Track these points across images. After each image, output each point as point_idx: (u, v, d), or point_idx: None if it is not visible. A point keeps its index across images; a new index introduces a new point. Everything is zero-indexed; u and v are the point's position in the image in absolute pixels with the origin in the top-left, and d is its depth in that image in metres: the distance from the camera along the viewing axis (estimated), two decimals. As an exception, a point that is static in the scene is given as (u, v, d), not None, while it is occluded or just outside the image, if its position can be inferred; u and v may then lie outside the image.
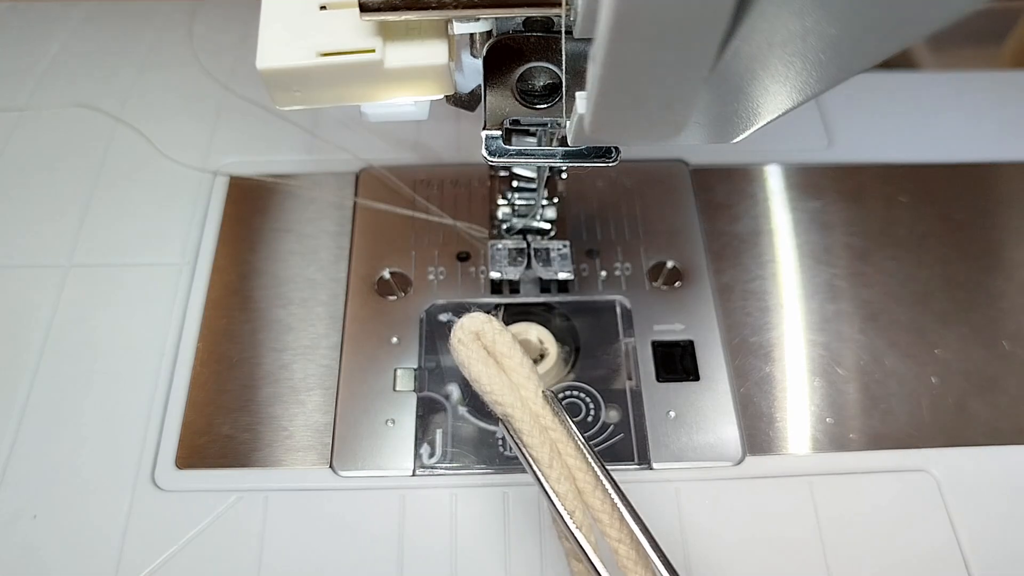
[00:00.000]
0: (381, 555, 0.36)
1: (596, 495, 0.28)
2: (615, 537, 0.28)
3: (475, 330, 0.29)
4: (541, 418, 0.29)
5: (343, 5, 0.30)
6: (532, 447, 0.28)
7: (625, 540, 0.28)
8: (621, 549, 0.28)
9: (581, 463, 0.29)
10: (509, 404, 0.29)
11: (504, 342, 0.29)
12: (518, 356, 0.29)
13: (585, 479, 0.29)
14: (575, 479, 0.29)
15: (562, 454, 0.29)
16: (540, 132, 0.33)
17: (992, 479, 0.38)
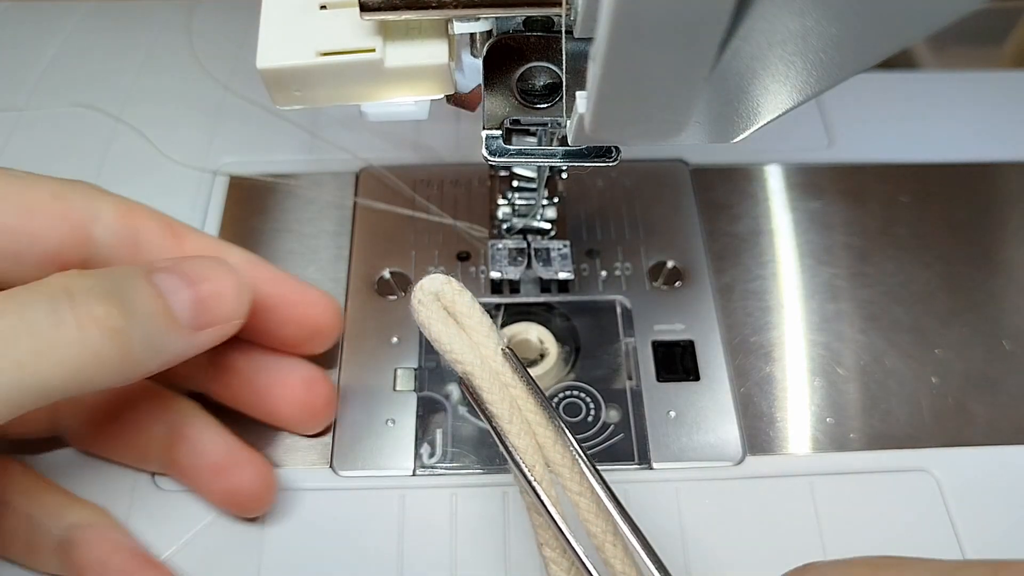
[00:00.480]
0: (381, 555, 0.36)
1: (556, 449, 0.29)
2: (575, 491, 0.28)
3: (434, 291, 0.30)
4: (501, 375, 0.29)
5: (343, 5, 0.30)
6: (491, 403, 0.29)
7: (585, 494, 0.28)
8: (582, 503, 0.28)
9: (541, 419, 0.29)
10: (468, 363, 0.29)
11: (463, 302, 0.30)
12: (477, 315, 0.30)
13: (545, 434, 0.29)
14: (535, 434, 0.29)
15: (522, 410, 0.29)
16: (540, 132, 0.33)
17: (992, 479, 0.38)
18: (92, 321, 0.28)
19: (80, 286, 0.28)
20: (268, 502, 0.35)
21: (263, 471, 0.35)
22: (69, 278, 0.29)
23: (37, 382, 0.27)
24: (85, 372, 0.28)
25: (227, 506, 0.35)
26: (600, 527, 0.28)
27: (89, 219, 0.32)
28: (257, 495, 0.35)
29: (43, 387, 0.27)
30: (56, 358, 0.27)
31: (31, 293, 0.28)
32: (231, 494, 0.35)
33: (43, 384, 0.27)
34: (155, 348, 0.30)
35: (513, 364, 0.30)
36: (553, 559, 0.29)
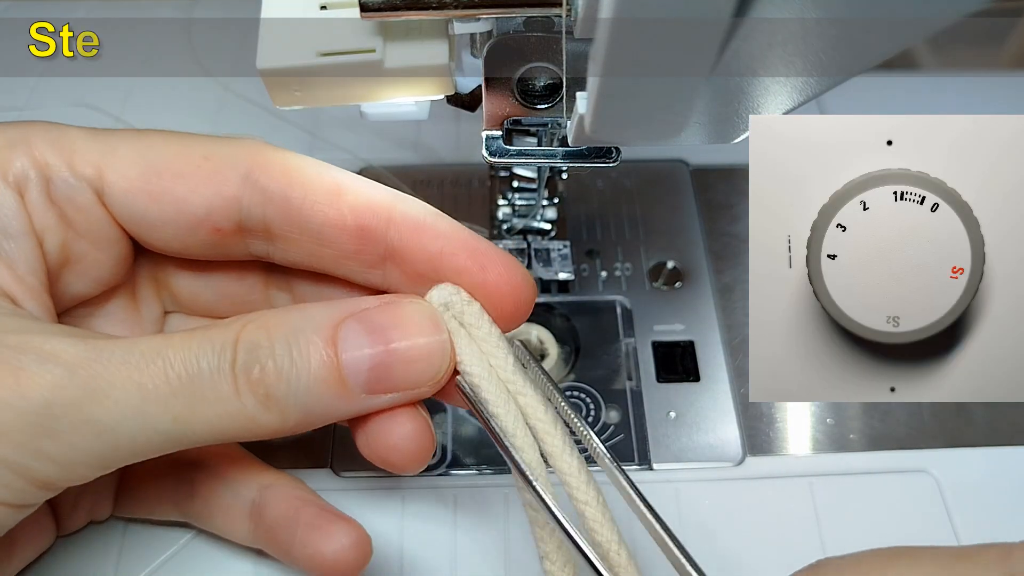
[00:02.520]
0: (381, 555, 0.36)
1: (563, 459, 0.29)
2: (581, 500, 0.28)
3: (444, 301, 0.29)
4: (510, 384, 0.29)
5: (343, 5, 0.30)
6: (497, 416, 0.29)
7: (591, 503, 0.28)
8: (587, 511, 0.28)
9: (551, 428, 0.29)
10: (477, 374, 0.29)
11: (472, 312, 0.30)
12: (486, 326, 0.30)
13: (553, 443, 0.29)
14: (543, 443, 0.29)
15: (531, 419, 0.29)
16: (540, 132, 0.33)
17: (992, 479, 0.38)
18: (247, 385, 0.27)
19: (247, 341, 0.27)
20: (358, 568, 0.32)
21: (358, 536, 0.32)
22: (245, 328, 0.28)
23: (187, 432, 0.27)
24: (236, 431, 0.27)
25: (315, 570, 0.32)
26: (605, 536, 0.28)
27: (236, 180, 0.30)
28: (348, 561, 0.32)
29: (192, 437, 0.27)
30: (210, 415, 0.27)
31: (204, 342, 0.27)
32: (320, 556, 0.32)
33: (192, 435, 0.27)
34: (316, 413, 0.28)
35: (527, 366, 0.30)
36: (553, 572, 0.29)
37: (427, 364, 0.28)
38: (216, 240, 0.31)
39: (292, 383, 0.27)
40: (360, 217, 0.30)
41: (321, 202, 0.30)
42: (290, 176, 0.30)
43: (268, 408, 0.27)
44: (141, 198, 0.30)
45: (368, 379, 0.28)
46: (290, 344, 0.27)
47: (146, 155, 0.30)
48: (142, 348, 0.27)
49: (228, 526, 0.34)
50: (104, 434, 0.26)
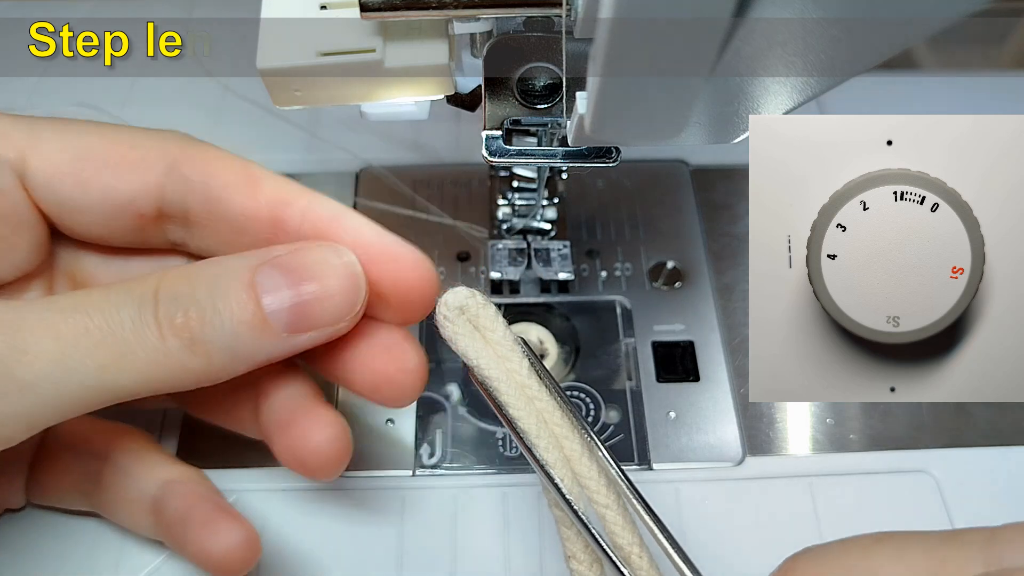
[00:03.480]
0: (381, 555, 0.36)
1: (583, 462, 0.29)
2: (603, 504, 0.29)
3: (459, 305, 0.29)
4: (527, 388, 0.29)
5: (343, 5, 0.30)
6: (520, 419, 0.29)
7: (612, 506, 0.29)
8: (608, 515, 0.28)
9: (568, 431, 0.29)
10: (495, 377, 0.29)
11: (488, 315, 0.30)
12: (501, 329, 0.30)
13: (572, 447, 0.29)
14: (562, 447, 0.29)
15: (548, 423, 0.29)
16: (540, 132, 0.33)
17: (992, 479, 0.38)
18: (172, 330, 0.27)
19: (168, 291, 0.28)
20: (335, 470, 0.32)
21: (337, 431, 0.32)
22: (163, 280, 0.28)
23: (114, 385, 0.27)
24: (162, 378, 0.28)
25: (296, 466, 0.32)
26: (627, 539, 0.28)
27: (161, 169, 0.31)
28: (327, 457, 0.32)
29: (119, 390, 0.27)
30: (135, 364, 0.27)
31: (123, 293, 0.28)
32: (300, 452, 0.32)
33: (120, 387, 0.27)
34: (240, 355, 0.28)
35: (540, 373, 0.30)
36: (580, 572, 0.29)
37: (343, 298, 0.29)
38: (137, 226, 0.32)
39: (216, 326, 0.28)
40: (275, 207, 0.31)
41: (239, 192, 0.31)
42: (211, 166, 0.31)
43: (194, 352, 0.27)
44: (67, 183, 0.31)
45: (289, 319, 0.28)
46: (211, 290, 0.28)
47: (73, 142, 0.31)
48: (60, 304, 0.27)
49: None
50: (26, 391, 0.26)
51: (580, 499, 0.29)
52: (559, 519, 0.29)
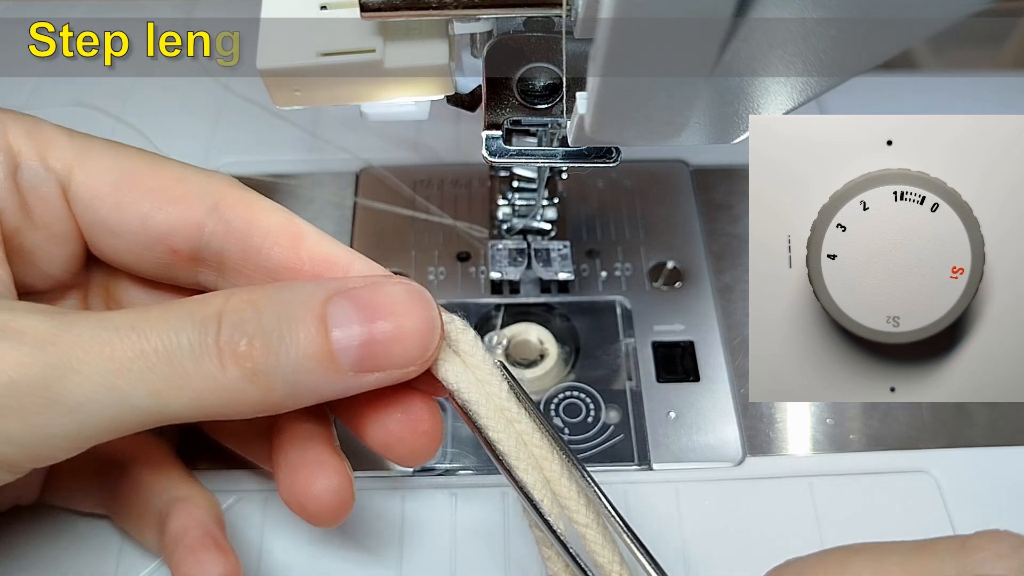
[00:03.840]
0: (381, 555, 0.36)
1: (563, 483, 0.29)
2: (582, 523, 0.29)
3: None
4: (506, 411, 0.29)
5: (343, 5, 0.30)
6: (499, 441, 0.29)
7: (592, 525, 0.29)
8: (588, 534, 0.29)
9: (547, 452, 0.29)
10: (475, 401, 0.29)
11: (467, 340, 0.30)
12: (480, 353, 0.30)
13: (551, 468, 0.29)
14: (542, 468, 0.29)
15: (528, 444, 0.29)
16: (540, 132, 0.33)
17: (992, 479, 0.38)
18: (233, 358, 0.26)
19: (233, 315, 0.26)
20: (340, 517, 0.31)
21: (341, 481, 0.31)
22: (229, 302, 0.27)
23: (165, 410, 0.26)
24: (216, 406, 0.27)
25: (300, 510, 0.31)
26: (607, 557, 0.29)
27: (203, 208, 0.30)
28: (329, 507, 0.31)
29: (170, 415, 0.26)
30: (189, 390, 0.26)
31: (182, 315, 0.26)
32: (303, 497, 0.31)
33: (171, 413, 0.26)
34: (301, 390, 0.27)
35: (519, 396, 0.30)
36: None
37: (417, 342, 0.28)
38: (169, 262, 0.31)
39: (281, 358, 0.26)
40: (317, 267, 0.30)
41: (280, 244, 0.30)
42: (255, 213, 0.31)
43: (255, 383, 0.26)
44: (107, 203, 0.30)
45: (358, 357, 0.27)
46: (279, 319, 0.27)
47: (121, 164, 0.31)
48: (115, 322, 0.26)
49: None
50: (74, 413, 0.25)
51: (560, 519, 0.29)
52: (540, 540, 0.30)
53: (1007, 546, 0.24)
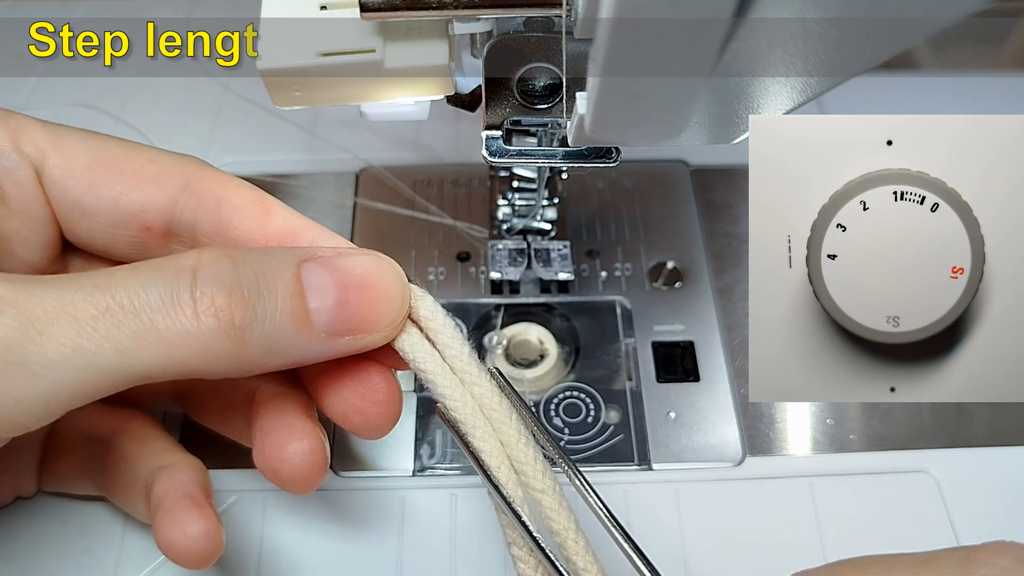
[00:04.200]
0: (381, 555, 0.36)
1: (519, 448, 0.29)
2: (538, 488, 0.29)
3: None
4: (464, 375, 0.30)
5: (343, 5, 0.30)
6: (454, 408, 0.29)
7: (548, 491, 0.29)
8: (544, 500, 0.29)
9: (505, 418, 0.29)
10: (430, 370, 0.29)
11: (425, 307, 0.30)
12: (440, 318, 0.30)
13: (508, 432, 0.29)
14: (499, 434, 0.29)
15: (486, 409, 0.30)
16: (540, 132, 0.33)
17: (992, 479, 0.38)
18: (211, 311, 0.26)
19: (209, 270, 0.26)
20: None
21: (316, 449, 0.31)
22: (203, 257, 0.27)
23: (136, 367, 0.26)
24: (187, 361, 0.26)
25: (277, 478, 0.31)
26: (562, 524, 0.28)
27: (176, 185, 0.31)
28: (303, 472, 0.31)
29: (142, 372, 0.26)
30: (160, 346, 0.26)
31: (154, 271, 0.26)
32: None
33: (142, 369, 0.26)
34: (276, 349, 0.27)
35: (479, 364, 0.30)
36: (521, 557, 0.29)
37: (387, 306, 0.28)
38: (143, 240, 0.32)
39: (259, 312, 0.26)
40: (286, 239, 0.31)
41: (251, 218, 0.31)
42: (226, 189, 0.31)
43: (231, 337, 0.26)
44: (81, 185, 0.31)
45: (331, 319, 0.27)
46: (258, 275, 0.27)
47: (94, 147, 0.31)
48: (80, 282, 0.26)
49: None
50: (41, 374, 0.25)
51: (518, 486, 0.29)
52: (497, 507, 0.30)
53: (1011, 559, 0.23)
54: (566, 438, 0.39)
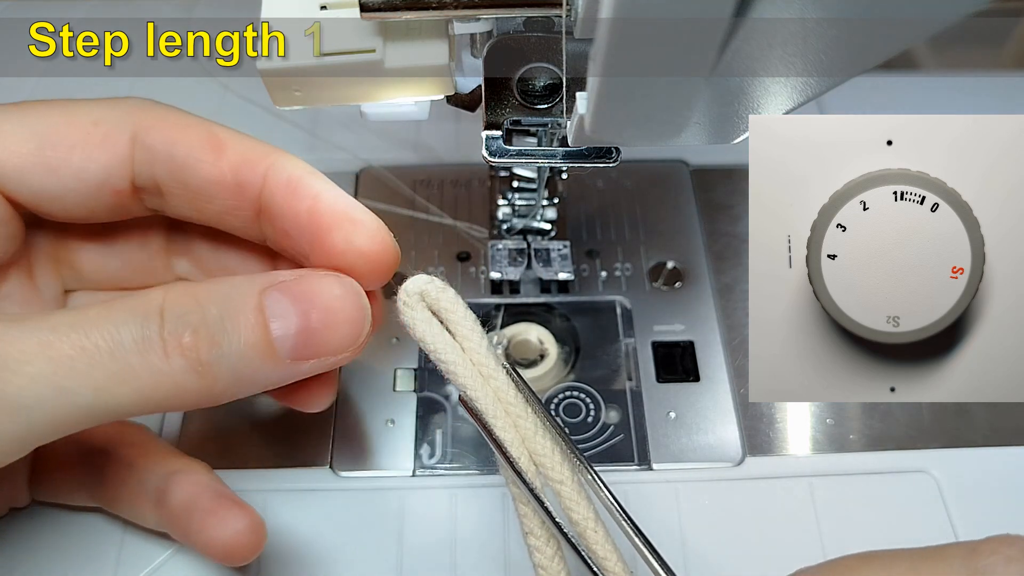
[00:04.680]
0: (381, 555, 0.36)
1: (537, 440, 0.29)
2: (557, 480, 0.29)
3: (418, 291, 0.30)
4: (483, 367, 0.30)
5: (343, 5, 0.30)
6: (477, 399, 0.29)
7: (567, 482, 0.29)
8: (563, 491, 0.29)
9: (522, 411, 0.30)
10: (451, 361, 0.29)
11: (447, 298, 0.30)
12: (461, 311, 0.30)
13: (526, 426, 0.30)
14: (518, 427, 0.30)
15: (503, 402, 0.30)
16: (540, 132, 0.33)
17: (992, 479, 0.38)
18: (178, 350, 0.26)
19: (174, 309, 0.27)
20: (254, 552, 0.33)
21: (253, 520, 0.33)
22: (168, 296, 0.27)
23: (111, 405, 0.26)
24: (160, 399, 0.27)
25: (215, 555, 0.33)
26: (581, 514, 0.29)
27: (125, 141, 0.31)
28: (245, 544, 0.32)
29: (117, 409, 0.27)
30: (135, 384, 0.26)
31: (125, 311, 0.27)
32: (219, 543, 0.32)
33: (117, 407, 0.26)
34: (244, 380, 0.28)
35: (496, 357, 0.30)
36: (537, 547, 0.30)
37: (349, 329, 0.29)
38: (116, 202, 0.32)
39: (224, 348, 0.27)
40: (238, 174, 0.31)
41: (203, 158, 0.31)
42: (174, 133, 0.31)
43: (199, 374, 0.27)
44: (37, 172, 0.30)
45: (294, 345, 0.28)
46: (221, 310, 0.27)
47: (35, 128, 0.31)
48: (53, 322, 0.26)
49: (135, 512, 0.34)
50: (18, 412, 0.25)
51: (536, 477, 0.29)
52: (516, 496, 0.30)
53: (1017, 550, 0.23)
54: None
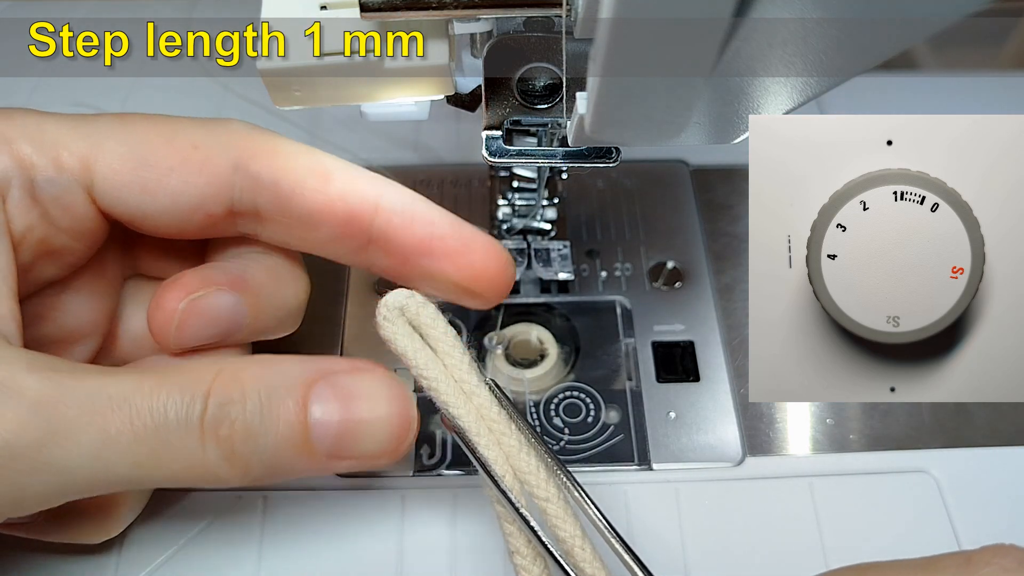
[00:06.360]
0: (381, 555, 0.36)
1: (521, 457, 0.29)
2: (543, 497, 0.29)
3: (399, 305, 0.30)
4: (465, 385, 0.30)
5: (343, 5, 0.30)
6: (459, 416, 0.29)
7: (552, 499, 0.29)
8: (549, 508, 0.29)
9: (505, 427, 0.30)
10: (432, 377, 0.29)
11: (427, 314, 0.30)
12: (441, 327, 0.30)
13: (509, 443, 0.29)
14: (501, 444, 0.29)
15: (486, 419, 0.30)
16: (540, 132, 0.33)
17: (992, 479, 0.38)
18: (214, 440, 0.27)
19: (219, 395, 0.27)
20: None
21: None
22: (217, 380, 0.27)
23: (144, 479, 0.27)
24: (191, 480, 0.27)
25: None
26: (568, 531, 0.29)
27: (226, 168, 0.31)
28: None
29: (147, 483, 0.27)
30: (171, 465, 0.26)
31: (175, 391, 0.27)
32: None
33: (148, 481, 0.27)
34: (279, 471, 0.28)
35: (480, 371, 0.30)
36: (524, 567, 0.29)
37: (391, 434, 0.29)
38: (208, 223, 0.32)
39: (259, 442, 0.27)
40: (348, 204, 0.31)
41: (310, 189, 0.31)
42: (280, 163, 0.31)
43: (232, 464, 0.27)
44: (133, 191, 0.30)
45: (333, 444, 0.28)
46: (262, 402, 0.27)
47: (135, 148, 0.31)
48: (110, 392, 0.26)
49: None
50: (60, 475, 0.25)
51: (522, 495, 0.29)
52: (501, 515, 0.30)
53: (1013, 560, 0.23)
54: (566, 438, 0.39)
